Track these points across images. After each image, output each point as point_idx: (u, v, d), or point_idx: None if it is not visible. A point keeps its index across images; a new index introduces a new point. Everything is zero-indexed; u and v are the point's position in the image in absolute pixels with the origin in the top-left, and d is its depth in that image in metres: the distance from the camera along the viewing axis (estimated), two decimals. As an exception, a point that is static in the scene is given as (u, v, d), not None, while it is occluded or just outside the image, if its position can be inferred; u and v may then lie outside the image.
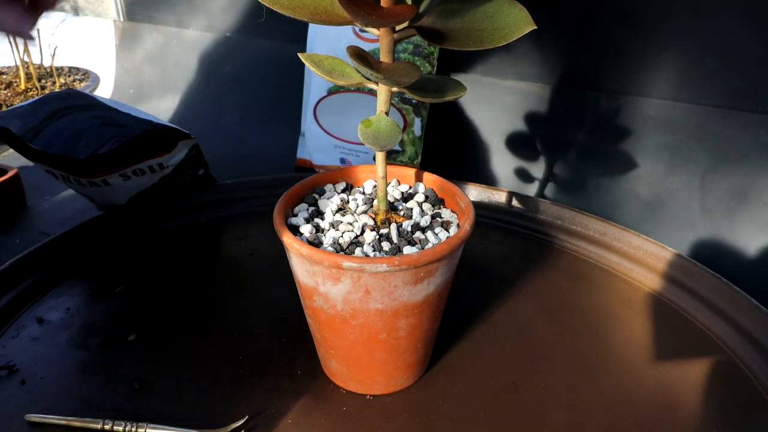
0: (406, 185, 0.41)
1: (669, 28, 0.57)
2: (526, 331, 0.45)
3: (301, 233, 0.35)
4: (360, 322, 0.34)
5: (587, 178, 0.65)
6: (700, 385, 0.40)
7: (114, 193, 0.57)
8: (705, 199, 0.58)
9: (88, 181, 0.55)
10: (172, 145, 0.56)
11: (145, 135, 0.53)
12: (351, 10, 0.25)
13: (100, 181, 0.55)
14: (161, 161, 0.56)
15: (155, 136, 0.54)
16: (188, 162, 0.59)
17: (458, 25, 0.30)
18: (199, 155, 0.60)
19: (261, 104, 0.86)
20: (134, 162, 0.55)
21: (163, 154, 0.56)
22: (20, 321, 0.45)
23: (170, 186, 0.60)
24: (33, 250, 0.50)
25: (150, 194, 0.59)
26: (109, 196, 0.58)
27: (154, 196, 0.59)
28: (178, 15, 0.93)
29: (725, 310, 0.45)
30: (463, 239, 0.33)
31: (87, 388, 0.39)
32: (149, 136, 0.54)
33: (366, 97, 0.70)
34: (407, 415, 0.37)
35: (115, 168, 0.54)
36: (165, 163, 0.57)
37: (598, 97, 0.62)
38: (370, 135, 0.32)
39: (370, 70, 0.28)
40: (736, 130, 0.55)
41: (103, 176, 0.54)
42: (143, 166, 0.55)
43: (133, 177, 0.56)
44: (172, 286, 0.49)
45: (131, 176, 0.55)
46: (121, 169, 0.54)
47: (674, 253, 0.50)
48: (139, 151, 0.54)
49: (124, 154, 0.53)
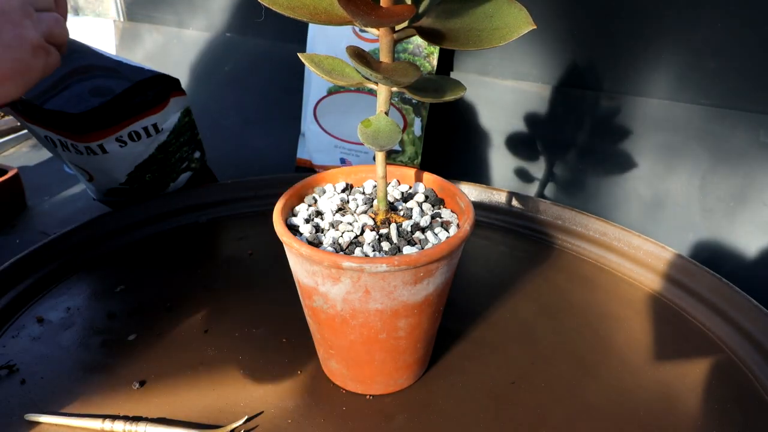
0: (406, 185, 0.41)
1: (669, 28, 0.57)
2: (526, 331, 0.45)
3: (301, 233, 0.35)
4: (360, 322, 0.34)
5: (587, 178, 0.65)
6: (700, 385, 0.40)
7: (112, 165, 0.56)
8: (705, 199, 0.58)
9: (85, 147, 0.53)
10: (164, 99, 0.56)
11: (137, 86, 0.53)
12: (350, 10, 0.25)
13: (97, 147, 0.54)
14: (155, 121, 0.56)
15: (147, 87, 0.54)
16: (183, 131, 0.59)
17: (458, 25, 0.30)
18: (192, 124, 0.60)
19: (261, 104, 0.86)
20: (128, 118, 0.54)
21: (157, 110, 0.55)
22: (20, 321, 0.45)
23: (167, 164, 0.59)
24: (33, 250, 0.50)
25: (148, 170, 0.58)
26: (108, 171, 0.57)
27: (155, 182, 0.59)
28: (178, 15, 0.93)
29: (725, 310, 0.45)
30: (463, 239, 0.33)
31: (87, 388, 0.39)
32: (142, 87, 0.53)
33: (366, 97, 0.70)
34: (407, 415, 0.37)
35: (110, 127, 0.53)
36: (159, 124, 0.56)
37: (598, 97, 0.62)
38: (370, 135, 0.32)
39: (369, 70, 0.28)
40: (736, 130, 0.55)
41: (98, 140, 0.53)
42: (138, 128, 0.55)
43: (129, 142, 0.55)
44: (172, 286, 0.49)
45: (127, 141, 0.55)
46: (116, 130, 0.53)
47: (674, 253, 0.50)
48: (132, 107, 0.54)
49: (117, 108, 0.53)
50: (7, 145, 0.87)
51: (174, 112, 0.57)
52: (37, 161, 0.82)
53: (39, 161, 0.82)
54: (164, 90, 0.56)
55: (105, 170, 0.57)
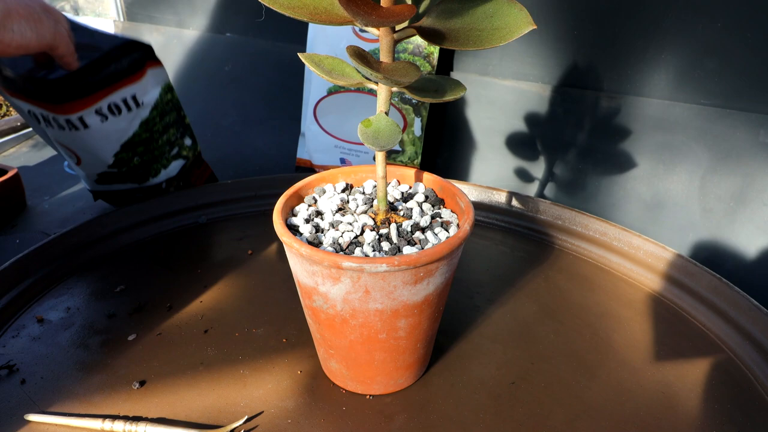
0: (406, 185, 0.41)
1: (669, 28, 0.57)
2: (526, 331, 0.45)
3: (301, 233, 0.35)
4: (360, 322, 0.34)
5: (587, 178, 0.65)
6: (700, 385, 0.40)
7: (96, 143, 0.56)
8: (705, 199, 0.58)
9: (65, 120, 0.53)
10: (140, 67, 0.55)
11: (112, 52, 0.53)
12: (351, 9, 0.25)
13: (78, 121, 0.53)
14: (134, 92, 0.55)
15: (122, 54, 0.54)
16: (166, 110, 0.58)
17: (458, 25, 0.30)
18: (176, 104, 0.60)
19: (261, 104, 0.86)
20: (105, 87, 0.53)
21: (133, 80, 0.55)
22: (20, 320, 0.45)
23: (154, 146, 0.58)
24: (33, 250, 0.50)
25: (135, 151, 0.57)
26: (93, 150, 0.56)
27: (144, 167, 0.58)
28: (178, 15, 0.93)
29: (725, 310, 0.45)
30: (463, 239, 0.33)
31: (87, 388, 0.39)
32: (116, 54, 0.53)
33: (366, 97, 0.70)
34: (407, 415, 0.37)
35: (87, 95, 0.53)
36: (139, 97, 0.56)
37: (598, 97, 0.62)
38: (370, 135, 0.32)
39: (370, 70, 0.28)
40: (736, 130, 0.55)
41: (77, 111, 0.53)
42: (116, 99, 0.54)
43: (109, 116, 0.55)
44: (172, 286, 0.50)
45: (107, 115, 0.54)
46: (94, 100, 0.53)
47: (674, 253, 0.50)
48: (108, 76, 0.53)
49: (93, 75, 0.52)
50: (7, 145, 0.87)
51: (153, 86, 0.57)
52: (37, 161, 0.82)
53: (39, 161, 0.82)
54: (140, 59, 0.55)
55: (90, 149, 0.56)
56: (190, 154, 0.62)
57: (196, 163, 0.64)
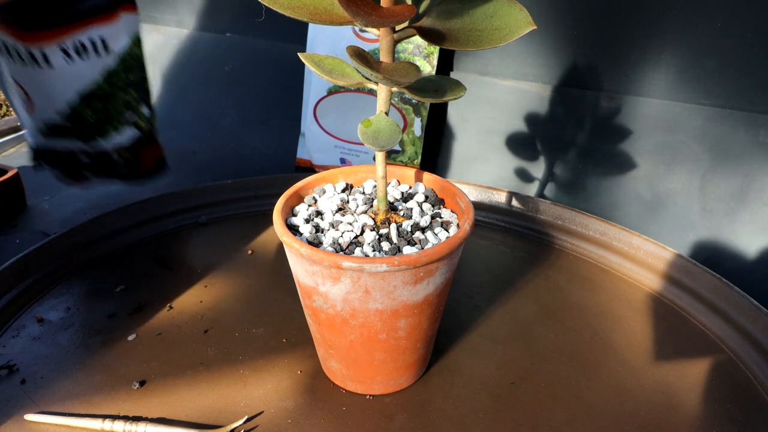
0: (406, 185, 0.41)
1: (669, 28, 0.57)
2: (526, 331, 0.45)
3: (301, 233, 0.35)
4: (360, 322, 0.34)
5: (587, 178, 0.65)
6: (700, 385, 0.40)
7: (54, 85, 0.53)
8: (705, 199, 0.58)
9: (28, 52, 0.51)
10: (115, 7, 0.54)
11: None
12: (351, 10, 0.25)
13: (41, 56, 0.51)
14: (103, 33, 0.53)
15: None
16: (131, 64, 0.57)
17: (458, 25, 0.30)
18: (142, 62, 0.58)
19: (261, 104, 0.86)
20: (76, 22, 0.51)
21: (105, 20, 0.53)
22: (20, 320, 0.45)
23: (111, 102, 0.56)
24: (33, 250, 0.50)
25: (91, 105, 0.56)
26: (49, 93, 0.53)
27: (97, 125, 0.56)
28: (177, 15, 0.93)
29: (725, 310, 0.45)
30: (463, 239, 0.33)
31: (87, 388, 0.39)
32: None
33: (366, 97, 0.70)
34: (407, 415, 0.37)
35: (58, 26, 0.51)
36: (108, 41, 0.54)
37: (598, 97, 0.62)
38: (370, 135, 0.32)
39: (370, 70, 0.28)
40: (736, 130, 0.55)
41: (43, 41, 0.51)
42: (84, 38, 0.52)
43: (74, 57, 0.52)
44: (172, 286, 0.50)
45: (72, 55, 0.52)
46: (62, 33, 0.51)
47: (674, 253, 0.50)
48: (83, 11, 0.52)
49: (68, 5, 0.51)
50: (7, 145, 0.87)
51: (124, 33, 0.55)
52: (37, 161, 0.82)
53: (39, 161, 0.82)
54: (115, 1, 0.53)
55: (46, 91, 0.54)
56: (146, 126, 0.61)
57: (151, 141, 0.62)
